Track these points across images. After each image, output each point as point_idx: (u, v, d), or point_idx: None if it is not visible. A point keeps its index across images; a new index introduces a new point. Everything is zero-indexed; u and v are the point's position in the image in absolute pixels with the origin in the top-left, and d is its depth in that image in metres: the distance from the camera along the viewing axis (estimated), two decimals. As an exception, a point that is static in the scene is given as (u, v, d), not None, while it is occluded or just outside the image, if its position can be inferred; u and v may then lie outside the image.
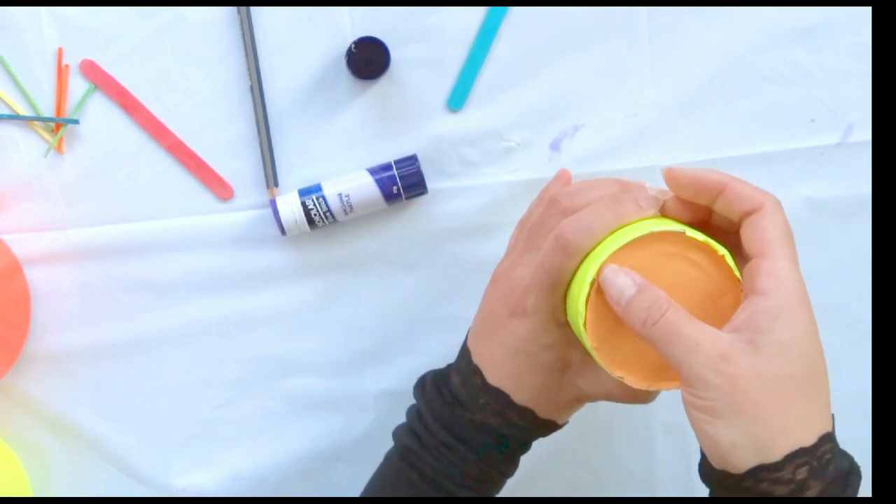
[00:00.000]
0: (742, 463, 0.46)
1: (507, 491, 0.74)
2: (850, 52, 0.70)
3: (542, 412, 0.56)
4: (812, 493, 0.46)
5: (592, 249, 0.52)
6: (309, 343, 0.72)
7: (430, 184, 0.69)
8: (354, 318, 0.72)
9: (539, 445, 0.74)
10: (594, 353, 0.51)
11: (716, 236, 0.51)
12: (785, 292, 0.47)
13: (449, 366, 0.60)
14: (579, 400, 0.57)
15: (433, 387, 0.59)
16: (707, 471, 0.50)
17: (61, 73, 0.68)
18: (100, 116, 0.69)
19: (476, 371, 0.57)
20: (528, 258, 0.56)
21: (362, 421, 0.73)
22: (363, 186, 0.68)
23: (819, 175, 0.71)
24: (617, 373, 0.51)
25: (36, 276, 0.70)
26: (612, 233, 0.52)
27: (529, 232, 0.57)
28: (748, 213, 0.50)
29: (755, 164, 0.70)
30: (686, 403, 0.47)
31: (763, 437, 0.46)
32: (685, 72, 0.70)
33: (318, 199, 0.68)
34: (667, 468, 0.75)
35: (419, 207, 0.71)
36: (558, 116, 0.70)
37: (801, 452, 0.46)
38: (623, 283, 0.49)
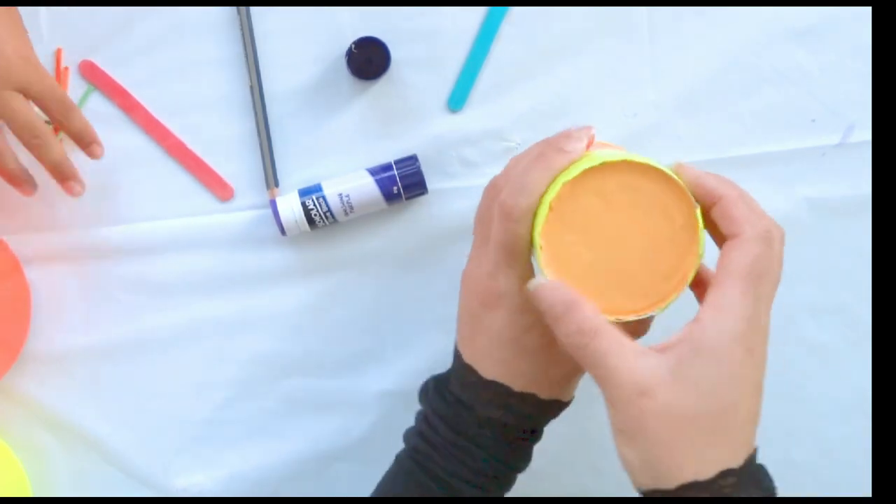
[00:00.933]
0: (641, 483, 0.48)
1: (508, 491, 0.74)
2: (850, 52, 0.70)
3: (544, 393, 0.56)
4: None
5: (539, 203, 0.51)
6: (309, 343, 0.72)
7: (430, 184, 0.69)
8: (354, 318, 0.72)
9: (539, 445, 0.75)
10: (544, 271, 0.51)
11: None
12: (718, 329, 0.47)
13: (449, 371, 0.60)
14: (575, 371, 0.57)
15: (435, 392, 0.59)
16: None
17: (60, 74, 0.68)
18: (99, 117, 0.69)
19: (470, 370, 0.57)
20: (484, 249, 0.56)
21: (362, 421, 0.73)
22: (363, 186, 0.68)
23: (819, 175, 0.71)
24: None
25: (36, 276, 0.70)
26: (551, 182, 0.51)
27: (477, 226, 0.58)
28: (729, 237, 0.49)
29: (755, 164, 0.70)
30: (608, 416, 0.49)
31: (657, 467, 0.47)
32: (685, 72, 0.70)
33: (318, 199, 0.68)
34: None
35: (419, 207, 0.71)
36: (558, 116, 0.70)
37: (695, 485, 0.47)
38: (550, 300, 0.49)
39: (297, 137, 0.70)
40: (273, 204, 0.68)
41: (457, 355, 0.58)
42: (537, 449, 0.71)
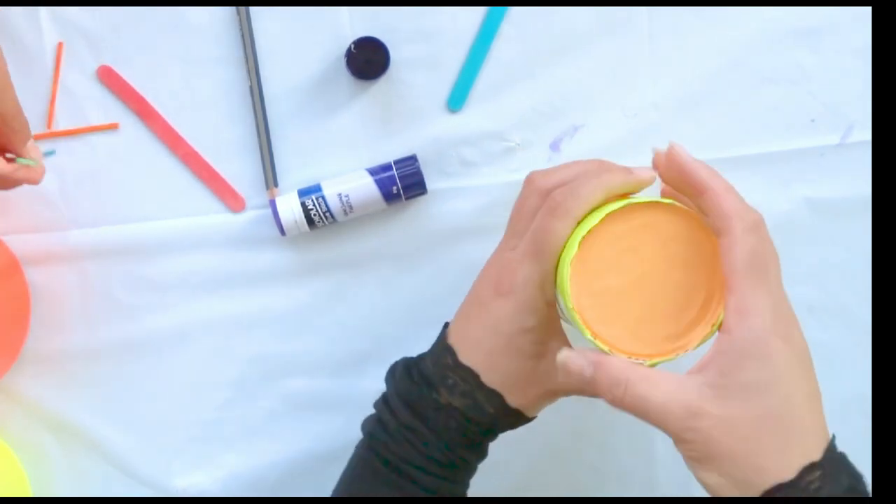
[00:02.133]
0: (728, 494, 0.48)
1: (506, 491, 0.74)
2: (850, 52, 0.70)
3: (511, 399, 0.56)
4: None
5: (581, 220, 0.53)
6: (309, 343, 0.72)
7: (429, 184, 0.69)
8: (354, 319, 0.72)
9: (539, 445, 0.74)
10: (575, 317, 0.51)
11: None
12: (750, 329, 0.47)
13: (423, 353, 0.60)
14: (551, 393, 0.57)
15: (403, 370, 0.59)
16: None
17: (59, 71, 0.68)
18: (103, 119, 0.69)
19: (448, 350, 0.57)
20: (514, 241, 0.56)
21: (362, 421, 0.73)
22: (363, 186, 0.68)
23: (819, 175, 0.71)
24: (603, 346, 0.51)
25: (36, 276, 0.70)
26: (598, 206, 0.53)
27: (511, 217, 0.59)
28: (719, 233, 0.49)
29: (755, 164, 0.70)
30: (680, 453, 0.49)
31: (740, 479, 0.47)
32: (685, 72, 0.70)
33: (317, 199, 0.68)
34: (667, 468, 0.75)
35: (419, 207, 0.71)
36: (558, 116, 0.70)
37: (780, 488, 0.47)
38: (578, 364, 0.50)
39: (296, 137, 0.70)
40: (272, 204, 0.68)
41: (441, 335, 0.59)
42: (537, 448, 0.72)
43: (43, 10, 0.68)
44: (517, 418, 0.57)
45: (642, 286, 0.51)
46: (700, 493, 0.56)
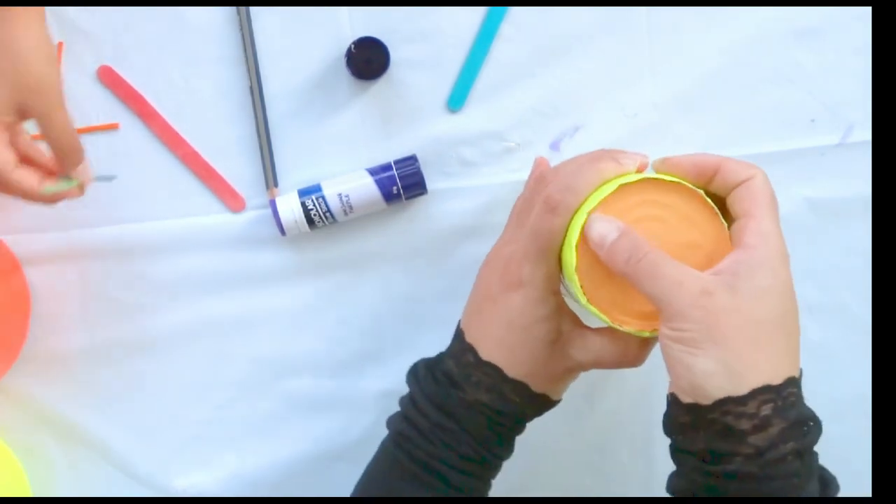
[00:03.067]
0: (714, 392, 0.48)
1: (506, 491, 0.74)
2: (850, 52, 0.70)
3: (536, 385, 0.57)
4: (774, 430, 0.48)
5: (579, 207, 0.54)
6: (309, 343, 0.72)
7: (429, 184, 0.69)
8: (354, 318, 0.72)
9: (539, 445, 0.74)
10: (582, 297, 0.53)
11: None
12: (767, 248, 0.51)
13: (441, 353, 0.61)
14: (571, 371, 0.58)
15: (426, 371, 0.59)
16: (673, 414, 0.52)
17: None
18: (103, 119, 0.69)
19: (469, 349, 0.58)
20: (519, 234, 0.58)
21: (362, 421, 0.73)
22: (363, 187, 0.68)
23: (819, 175, 0.71)
24: (603, 315, 0.53)
25: (36, 276, 0.70)
26: (596, 189, 0.55)
27: (518, 212, 0.61)
28: (740, 184, 0.53)
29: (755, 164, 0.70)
30: (665, 339, 0.50)
31: (736, 368, 0.48)
32: (684, 72, 0.70)
33: (317, 199, 0.68)
34: (667, 468, 0.75)
35: (419, 207, 0.71)
36: (558, 116, 0.70)
37: (767, 389, 0.48)
38: (605, 228, 0.52)
39: (296, 137, 0.70)
40: (273, 204, 0.68)
41: (458, 336, 0.59)
42: (537, 448, 0.71)
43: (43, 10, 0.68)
44: (543, 403, 0.59)
45: None
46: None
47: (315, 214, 0.68)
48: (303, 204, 0.68)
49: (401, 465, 0.58)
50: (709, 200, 0.54)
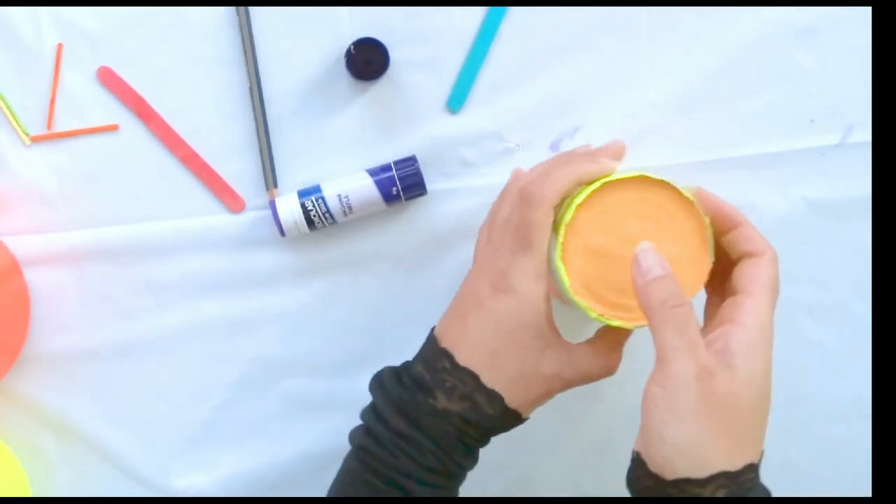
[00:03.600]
0: (679, 470, 0.49)
1: (506, 491, 0.74)
2: (850, 52, 0.70)
3: (511, 399, 0.56)
4: None
5: (570, 200, 0.55)
6: (308, 343, 0.72)
7: (429, 184, 0.69)
8: (354, 319, 0.72)
9: (539, 445, 0.74)
10: (569, 290, 0.54)
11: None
12: (759, 329, 0.51)
13: (407, 361, 0.60)
14: (550, 389, 0.57)
15: (392, 376, 0.58)
16: (637, 476, 0.52)
17: (58, 75, 0.68)
18: (103, 120, 0.69)
19: (444, 354, 0.56)
20: (498, 237, 0.58)
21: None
22: (362, 188, 0.68)
23: (819, 175, 0.71)
24: (589, 304, 0.55)
25: (36, 277, 0.70)
26: (583, 187, 0.55)
27: (493, 215, 0.60)
28: (749, 255, 0.54)
29: (755, 164, 0.70)
30: (650, 396, 0.50)
31: (704, 453, 0.49)
32: (684, 72, 0.70)
33: (317, 200, 0.68)
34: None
35: (419, 208, 0.71)
36: (558, 117, 0.70)
37: (725, 475, 0.49)
38: (653, 261, 0.51)
39: (296, 138, 0.70)
40: (272, 205, 0.68)
41: (431, 341, 0.58)
42: (537, 448, 0.72)
43: (43, 11, 0.68)
44: (514, 420, 0.57)
45: (627, 255, 0.54)
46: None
47: (315, 215, 0.68)
48: (302, 205, 0.68)
49: (361, 478, 0.57)
50: (692, 199, 0.55)
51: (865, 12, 0.69)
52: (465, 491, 0.73)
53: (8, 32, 0.68)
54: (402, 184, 0.68)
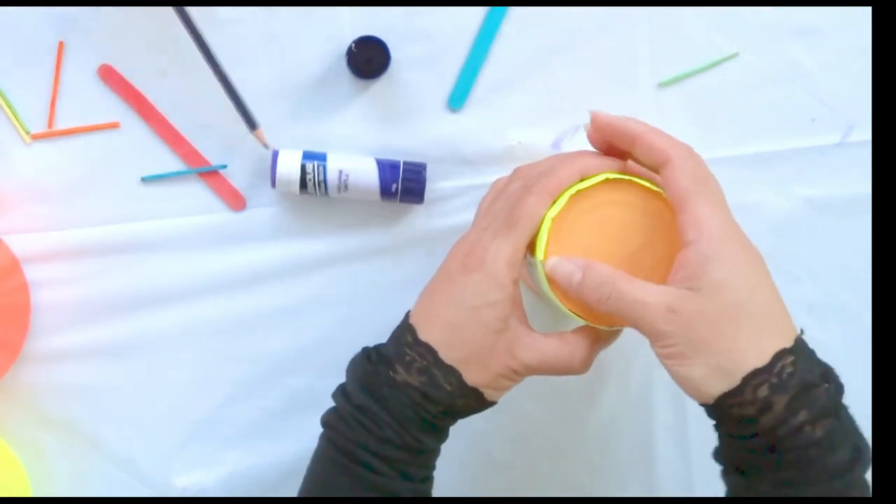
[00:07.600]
0: (713, 392, 0.50)
1: (506, 491, 0.74)
2: (850, 52, 0.70)
3: (469, 375, 0.55)
4: (778, 407, 0.49)
5: (560, 194, 0.55)
6: (309, 342, 0.72)
7: (429, 183, 0.69)
8: (354, 318, 0.72)
9: (539, 445, 0.74)
10: (545, 283, 0.55)
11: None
12: (707, 237, 0.50)
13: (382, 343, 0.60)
14: (512, 371, 0.56)
15: (362, 354, 0.58)
16: (712, 414, 0.53)
17: (59, 74, 0.68)
18: (103, 118, 0.69)
19: (409, 329, 0.56)
20: (487, 220, 0.57)
21: (362, 421, 0.73)
22: (365, 172, 0.68)
23: (819, 175, 0.71)
24: (566, 306, 0.55)
25: (36, 276, 0.70)
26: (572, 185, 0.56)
27: (487, 200, 0.61)
28: (661, 166, 0.53)
29: (755, 164, 0.70)
30: (658, 357, 0.52)
31: (724, 366, 0.50)
32: (684, 72, 0.70)
33: (318, 166, 0.68)
34: (667, 468, 0.75)
35: (420, 206, 0.71)
36: (558, 116, 0.70)
37: (756, 373, 0.50)
38: (568, 269, 0.53)
39: (297, 136, 0.70)
40: (274, 155, 0.68)
41: (405, 317, 0.58)
42: (537, 448, 0.71)
43: (44, 10, 0.68)
44: (475, 399, 0.56)
45: (611, 253, 0.55)
46: (700, 492, 0.56)
47: (310, 179, 0.67)
48: (303, 166, 0.68)
49: (328, 456, 0.57)
50: (657, 189, 0.55)
51: (865, 12, 0.69)
52: (465, 491, 0.74)
53: (9, 30, 0.68)
54: (403, 185, 0.68)
